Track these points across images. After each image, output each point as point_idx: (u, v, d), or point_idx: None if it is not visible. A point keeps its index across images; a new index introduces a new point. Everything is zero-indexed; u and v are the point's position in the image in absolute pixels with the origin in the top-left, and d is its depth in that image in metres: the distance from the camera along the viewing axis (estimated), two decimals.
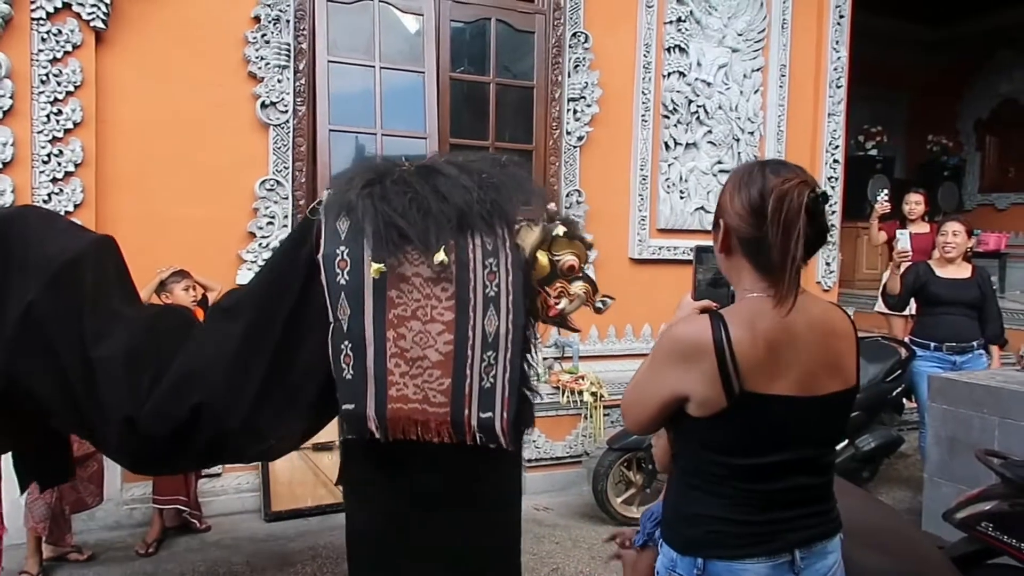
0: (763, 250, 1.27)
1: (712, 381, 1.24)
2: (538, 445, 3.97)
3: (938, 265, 3.94)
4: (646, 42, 4.43)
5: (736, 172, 1.36)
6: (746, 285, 1.32)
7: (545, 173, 4.28)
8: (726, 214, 1.32)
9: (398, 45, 4.00)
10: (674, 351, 1.28)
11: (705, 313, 1.30)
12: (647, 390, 1.33)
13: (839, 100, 5.09)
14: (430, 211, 1.85)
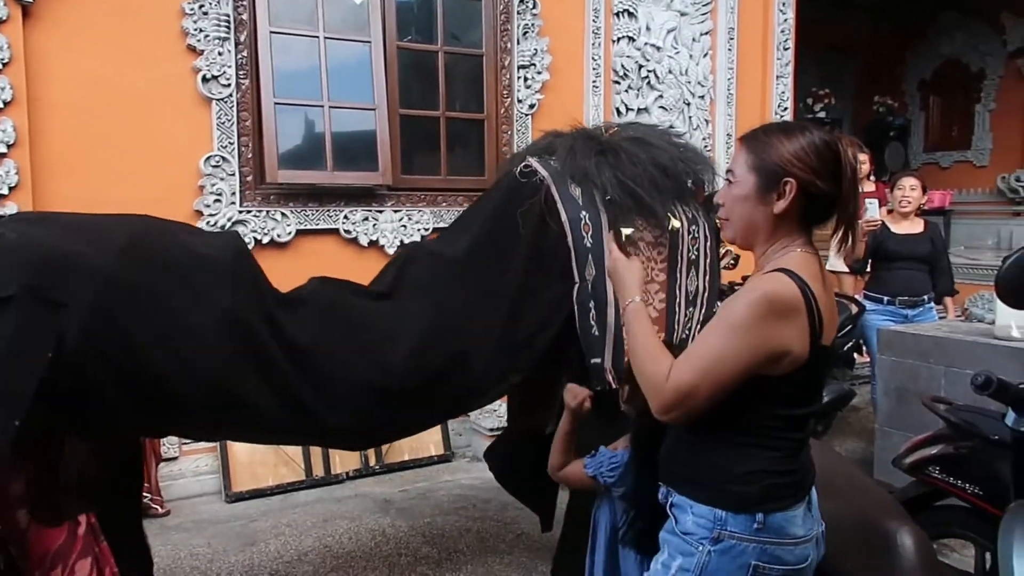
0: (826, 205, 1.36)
1: (803, 335, 1.30)
2: (500, 414, 3.98)
3: (892, 221, 4.04)
4: (595, 7, 4.40)
5: (791, 130, 1.39)
6: (785, 242, 1.37)
7: (497, 142, 4.25)
8: (799, 173, 1.33)
9: (342, 15, 3.91)
10: (773, 309, 1.28)
11: (779, 271, 1.32)
12: (734, 357, 1.28)
13: (787, 62, 5.13)
14: (656, 181, 2.07)
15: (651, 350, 1.37)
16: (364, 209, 3.91)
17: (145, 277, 1.70)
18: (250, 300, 1.82)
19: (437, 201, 4.09)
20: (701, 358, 1.30)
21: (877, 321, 3.92)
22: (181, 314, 1.71)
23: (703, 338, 1.33)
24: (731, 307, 1.32)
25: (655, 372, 1.33)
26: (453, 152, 4.20)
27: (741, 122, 4.95)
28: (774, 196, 1.35)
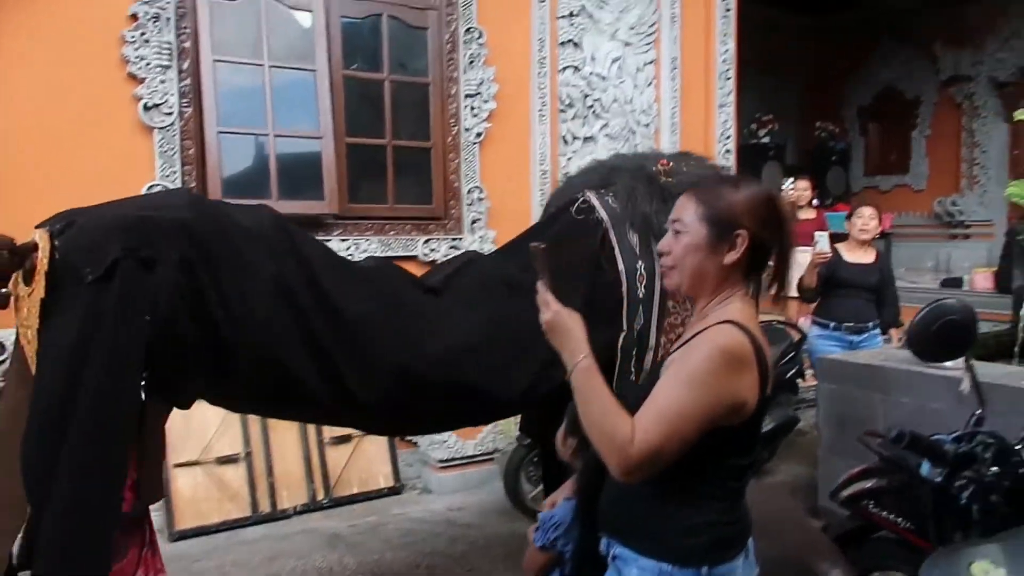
0: (767, 255, 1.41)
1: (755, 386, 1.32)
2: (449, 445, 3.95)
3: (846, 249, 4.14)
4: (540, 37, 4.45)
5: (735, 183, 1.43)
6: (729, 292, 1.40)
7: (444, 170, 4.25)
8: (750, 225, 1.37)
9: (288, 42, 3.88)
10: (730, 362, 1.30)
11: (727, 324, 1.33)
12: (698, 412, 1.28)
13: (729, 91, 5.25)
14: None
15: (608, 410, 1.30)
16: None
17: (212, 235, 1.71)
18: (294, 268, 1.81)
19: (384, 230, 4.07)
20: (665, 417, 1.27)
21: (824, 346, 4.01)
22: (237, 281, 1.72)
23: (663, 394, 1.30)
24: (689, 362, 1.32)
25: (616, 433, 1.27)
26: (400, 180, 4.19)
27: (685, 149, 5.03)
28: (725, 247, 1.37)
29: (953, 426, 1.92)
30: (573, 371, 1.36)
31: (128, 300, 1.55)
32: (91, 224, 1.61)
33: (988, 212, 8.09)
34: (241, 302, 1.71)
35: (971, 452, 1.56)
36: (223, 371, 1.74)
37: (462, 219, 4.27)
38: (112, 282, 1.53)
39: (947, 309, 1.70)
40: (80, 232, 1.58)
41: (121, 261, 1.54)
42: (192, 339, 1.65)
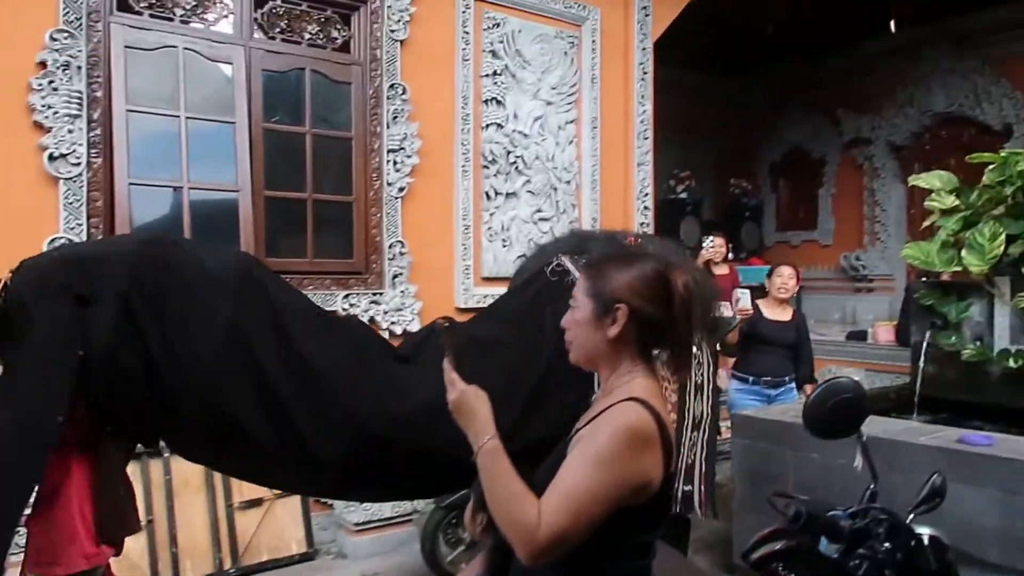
0: (660, 330, 1.41)
1: (658, 464, 1.32)
2: (365, 507, 3.84)
3: (766, 306, 4.31)
4: (464, 94, 4.51)
5: (626, 260, 1.46)
6: (630, 367, 1.41)
7: (366, 225, 4.22)
8: (631, 300, 1.39)
9: (206, 94, 3.82)
10: (634, 441, 1.30)
11: (631, 401, 1.34)
12: (604, 493, 1.27)
13: (647, 150, 5.43)
14: None
15: (514, 493, 1.29)
16: None
17: (157, 275, 1.72)
18: (257, 312, 1.77)
19: (303, 284, 3.99)
20: (571, 498, 1.26)
21: (742, 400, 4.16)
22: (183, 322, 1.70)
23: (569, 476, 1.29)
24: (594, 442, 1.32)
25: (522, 517, 1.26)
26: (320, 234, 4.13)
27: (606, 206, 5.17)
28: (608, 321, 1.41)
29: (859, 481, 1.98)
30: (479, 452, 1.34)
31: (56, 334, 1.58)
32: (37, 263, 1.70)
33: (889, 267, 8.54)
34: (185, 342, 1.69)
35: (865, 528, 1.62)
36: (169, 411, 1.71)
37: (383, 274, 4.24)
38: (54, 319, 1.59)
39: (840, 388, 1.77)
40: (27, 271, 1.67)
41: (56, 298, 1.59)
42: (134, 377, 1.65)
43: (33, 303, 1.61)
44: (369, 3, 4.21)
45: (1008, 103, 7.72)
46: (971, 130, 8.10)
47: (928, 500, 1.78)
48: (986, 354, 3.89)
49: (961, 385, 4.04)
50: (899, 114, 8.54)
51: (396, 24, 4.25)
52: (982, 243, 3.84)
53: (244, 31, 3.89)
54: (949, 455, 2.85)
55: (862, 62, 8.68)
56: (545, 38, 4.88)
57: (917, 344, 4.22)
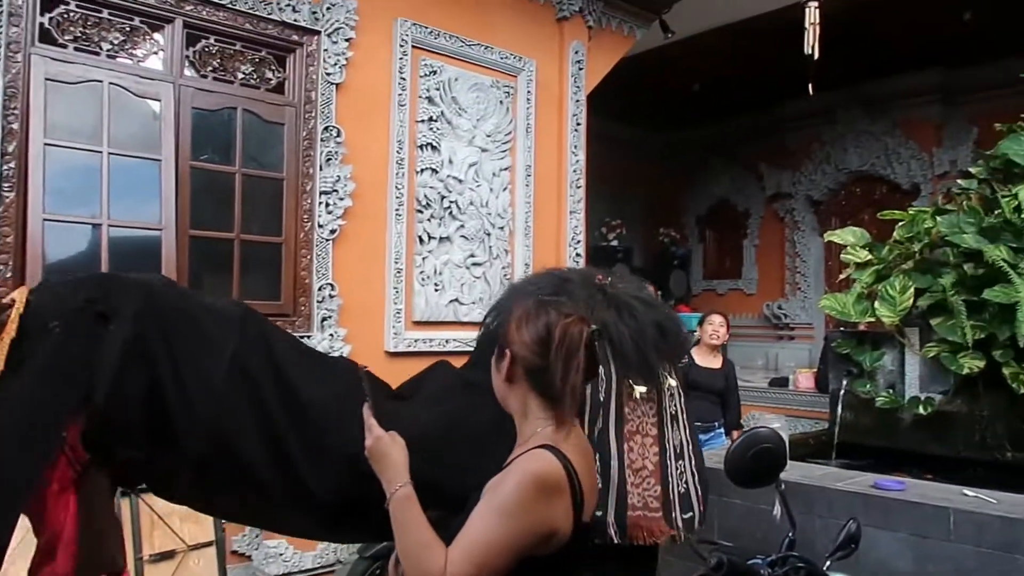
0: (545, 379, 1.39)
1: (568, 513, 1.31)
2: (286, 558, 3.70)
3: (698, 354, 4.43)
4: (399, 139, 4.53)
5: (522, 307, 1.46)
6: (537, 414, 1.41)
7: (296, 266, 4.15)
8: (513, 344, 1.40)
9: (131, 130, 3.72)
10: (541, 489, 1.28)
11: (542, 448, 1.33)
12: (509, 542, 1.26)
13: (579, 198, 5.54)
14: (656, 341, 2.04)
15: (422, 542, 1.30)
16: None
17: (172, 300, 1.76)
18: (256, 347, 1.77)
19: None
20: (476, 548, 1.26)
21: None
22: (192, 351, 1.70)
23: (475, 525, 1.29)
24: (501, 490, 1.30)
25: (429, 567, 1.26)
26: (248, 276, 4.04)
27: (538, 253, 5.23)
28: (501, 365, 1.45)
29: (780, 527, 2.03)
30: (391, 499, 1.35)
31: (73, 345, 1.59)
32: (60, 280, 1.75)
33: (809, 316, 8.88)
34: (194, 371, 1.70)
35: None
36: (168, 445, 1.69)
37: (312, 316, 4.16)
38: (73, 333, 1.59)
39: (760, 438, 1.82)
40: (50, 287, 1.70)
41: (80, 312, 1.61)
42: (136, 402, 1.64)
43: (54, 314, 1.61)
44: (305, 46, 4.21)
45: (916, 164, 8.22)
46: (883, 188, 8.58)
47: (844, 546, 1.83)
48: (898, 401, 4.06)
49: (876, 431, 4.21)
50: (817, 171, 8.98)
51: (332, 67, 4.26)
52: (893, 296, 4.04)
53: (174, 68, 3.83)
54: (864, 500, 2.94)
55: (783, 121, 9.14)
56: (481, 87, 4.96)
57: (835, 391, 4.39)
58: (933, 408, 3.95)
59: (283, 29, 4.12)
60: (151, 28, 3.79)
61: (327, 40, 4.24)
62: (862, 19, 6.70)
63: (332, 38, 4.26)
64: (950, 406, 3.98)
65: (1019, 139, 4.04)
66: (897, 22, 7.00)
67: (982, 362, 3.74)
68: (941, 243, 4.15)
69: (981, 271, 3.84)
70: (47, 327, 1.58)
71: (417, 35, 4.64)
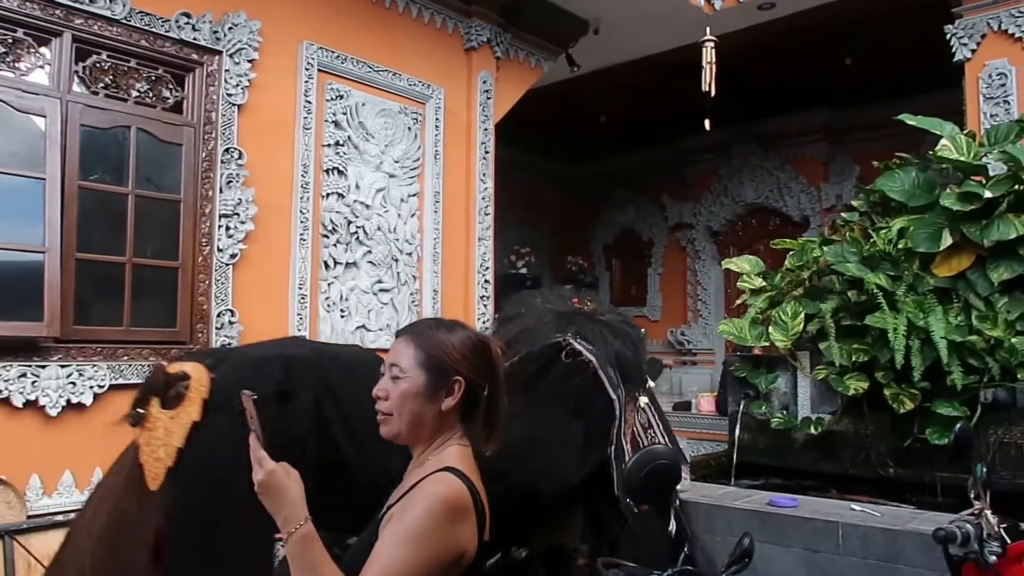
0: (480, 401, 1.42)
1: (473, 534, 1.29)
2: None
3: None
4: (304, 162, 4.45)
5: (452, 330, 1.46)
6: (445, 436, 1.40)
7: (193, 291, 3.99)
8: (464, 371, 1.38)
9: (12, 147, 3.51)
10: (448, 513, 1.26)
11: (446, 471, 1.31)
12: (420, 569, 1.22)
13: (488, 225, 5.58)
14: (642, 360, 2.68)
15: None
16: (22, 364, 3.38)
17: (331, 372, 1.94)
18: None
19: (117, 354, 3.68)
20: (394, 572, 1.22)
21: None
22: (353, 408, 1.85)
23: (385, 553, 1.25)
24: (409, 517, 1.28)
25: None
26: (140, 301, 3.85)
27: (447, 278, 5.22)
28: (443, 394, 1.38)
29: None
30: (288, 540, 1.26)
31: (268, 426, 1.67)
32: (242, 361, 1.89)
33: (710, 342, 9.19)
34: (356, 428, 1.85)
35: None
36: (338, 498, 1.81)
37: (210, 344, 4.00)
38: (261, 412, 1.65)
39: (655, 454, 1.86)
40: (234, 368, 1.83)
41: (268, 395, 1.72)
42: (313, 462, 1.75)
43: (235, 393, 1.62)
44: (206, 65, 4.10)
45: (805, 197, 8.70)
46: (776, 219, 9.03)
47: (738, 560, 1.89)
48: (791, 422, 4.23)
49: (772, 451, 4.37)
50: (716, 203, 9.38)
51: (234, 88, 4.16)
52: (785, 320, 4.23)
53: (62, 83, 3.65)
54: (761, 517, 3.04)
55: (685, 155, 9.52)
56: (389, 112, 4.95)
57: (733, 414, 4.53)
58: (823, 428, 4.14)
59: (181, 47, 4.00)
60: (37, 41, 3.60)
61: (229, 60, 4.14)
62: (756, 60, 7.08)
63: (234, 59, 4.16)
64: (838, 426, 4.17)
65: (894, 176, 4.33)
66: (787, 64, 7.45)
67: (866, 383, 3.94)
68: (828, 271, 4.38)
69: (863, 297, 4.08)
70: (232, 407, 1.65)
71: (323, 59, 4.59)
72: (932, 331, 3.68)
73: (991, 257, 3.78)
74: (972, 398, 3.71)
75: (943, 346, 3.64)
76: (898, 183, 4.29)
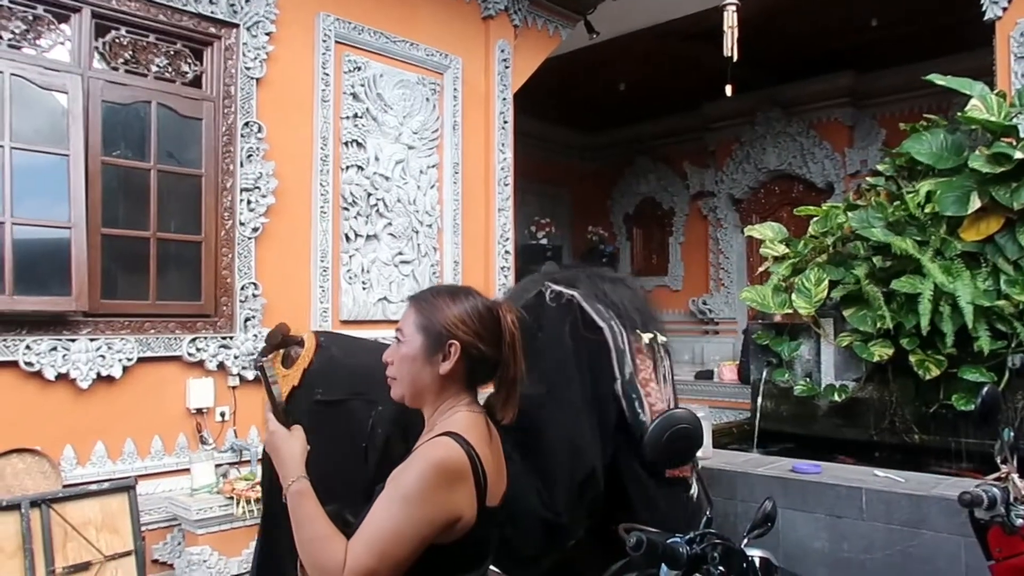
0: (489, 367, 1.41)
1: (471, 499, 1.30)
2: (210, 564, 3.58)
3: None
4: (323, 135, 4.45)
5: (456, 295, 1.45)
6: (452, 402, 1.40)
7: (217, 265, 4.03)
8: (461, 335, 1.38)
9: (36, 124, 3.54)
10: (443, 477, 1.27)
11: (445, 435, 1.32)
12: (411, 532, 1.24)
13: (507, 196, 5.56)
14: (648, 308, 2.61)
15: (321, 534, 1.28)
16: (52, 338, 3.45)
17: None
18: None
19: (144, 328, 3.74)
20: (377, 538, 1.24)
21: None
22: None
23: (377, 515, 1.28)
24: (402, 479, 1.29)
25: (328, 560, 1.25)
26: (165, 275, 3.90)
27: (467, 250, 5.22)
28: (439, 357, 1.39)
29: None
30: (286, 493, 1.33)
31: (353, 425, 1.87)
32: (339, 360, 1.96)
33: (732, 311, 9.13)
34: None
35: (702, 553, 1.69)
36: None
37: (234, 316, 4.05)
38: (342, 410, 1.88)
39: (676, 419, 1.86)
40: (330, 360, 1.94)
41: (350, 401, 1.90)
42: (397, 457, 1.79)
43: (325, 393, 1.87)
44: (223, 39, 4.09)
45: (829, 163, 8.56)
46: (799, 186, 8.90)
47: (761, 524, 1.89)
48: (814, 389, 4.22)
49: (794, 418, 4.36)
50: (738, 170, 9.26)
51: (252, 61, 4.15)
52: (808, 288, 4.19)
53: (82, 60, 3.66)
54: (783, 483, 3.05)
55: (705, 121, 9.39)
56: (407, 84, 4.93)
57: (755, 381, 4.52)
58: (847, 395, 4.12)
59: (199, 21, 4.00)
60: (56, 18, 3.62)
61: (246, 34, 4.14)
62: (778, 23, 6.94)
63: (252, 32, 4.15)
64: (862, 393, 4.15)
65: (921, 138, 4.24)
66: (810, 27, 7.28)
67: (891, 350, 3.91)
68: (853, 237, 4.33)
69: (889, 263, 4.02)
70: (312, 393, 1.86)
71: (340, 30, 4.57)
72: (959, 296, 3.63)
73: (1021, 220, 3.71)
74: (999, 363, 3.66)
75: (970, 311, 3.59)
76: (925, 146, 4.20)
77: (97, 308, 3.60)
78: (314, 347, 1.92)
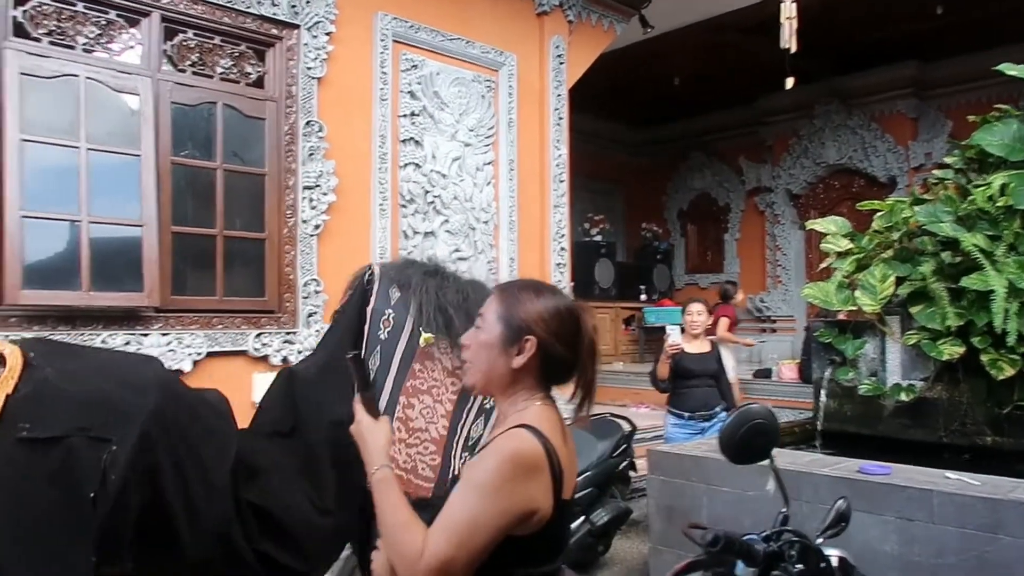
0: (565, 369, 1.40)
1: (548, 492, 1.30)
2: None
3: (685, 341, 4.50)
4: (381, 134, 4.51)
5: (541, 291, 1.44)
6: (525, 395, 1.40)
7: (280, 263, 4.12)
8: (537, 332, 1.38)
9: (109, 126, 3.67)
10: (519, 468, 1.28)
11: (521, 428, 1.32)
12: (489, 522, 1.25)
13: (562, 193, 5.55)
14: (470, 314, 2.03)
15: (403, 521, 1.30)
16: (126, 332, 3.57)
17: (178, 420, 1.74)
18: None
19: (212, 323, 3.85)
20: (456, 527, 1.25)
21: (678, 435, 4.31)
22: (202, 464, 1.73)
23: (455, 505, 1.29)
24: (479, 470, 1.30)
25: (407, 547, 1.26)
26: (231, 272, 4.00)
27: (523, 247, 5.23)
28: (515, 350, 1.39)
29: (769, 512, 2.04)
30: (370, 481, 1.38)
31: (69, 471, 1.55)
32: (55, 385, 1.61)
33: (790, 308, 8.95)
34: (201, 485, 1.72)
35: (779, 551, 1.66)
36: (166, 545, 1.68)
37: (297, 312, 4.14)
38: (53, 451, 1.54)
39: (752, 414, 1.82)
40: (43, 385, 1.58)
41: (68, 438, 1.55)
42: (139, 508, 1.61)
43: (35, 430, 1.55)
44: (285, 40, 4.18)
45: (892, 156, 8.31)
46: (860, 180, 8.67)
47: (835, 524, 1.85)
48: (880, 388, 4.10)
49: (859, 418, 4.24)
50: (796, 165, 9.06)
51: (313, 62, 4.23)
52: (873, 284, 4.08)
53: (152, 62, 3.78)
54: (850, 484, 2.97)
55: (761, 115, 9.21)
56: (463, 81, 4.96)
57: (818, 380, 4.41)
58: (915, 395, 3.99)
59: (262, 23, 4.09)
60: (128, 22, 3.74)
61: (307, 34, 4.21)
62: (837, 14, 6.77)
63: (312, 32, 4.23)
64: (931, 392, 4.01)
65: (992, 129, 4.08)
66: (871, 16, 7.08)
67: (962, 348, 3.77)
68: (919, 232, 4.18)
69: (958, 259, 3.88)
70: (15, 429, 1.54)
71: (398, 29, 4.62)
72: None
73: None
74: None
75: None
76: (997, 137, 4.04)
77: (168, 304, 3.71)
78: (20, 367, 1.55)
